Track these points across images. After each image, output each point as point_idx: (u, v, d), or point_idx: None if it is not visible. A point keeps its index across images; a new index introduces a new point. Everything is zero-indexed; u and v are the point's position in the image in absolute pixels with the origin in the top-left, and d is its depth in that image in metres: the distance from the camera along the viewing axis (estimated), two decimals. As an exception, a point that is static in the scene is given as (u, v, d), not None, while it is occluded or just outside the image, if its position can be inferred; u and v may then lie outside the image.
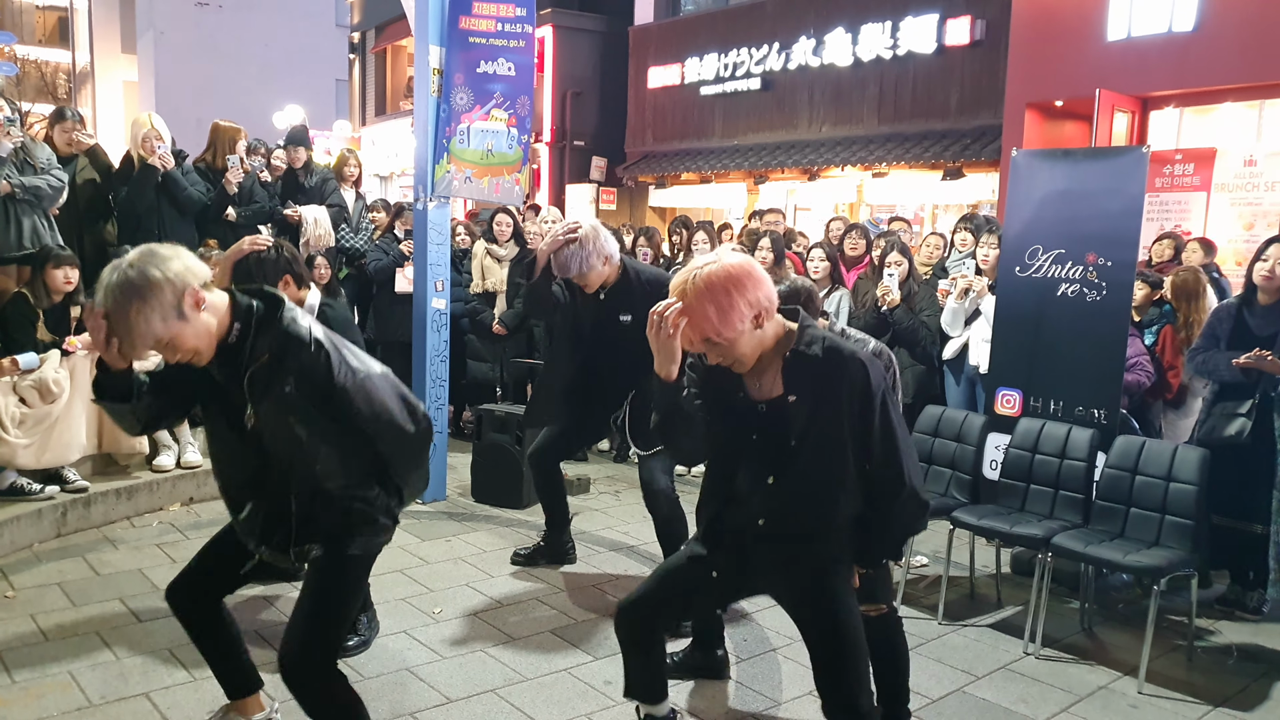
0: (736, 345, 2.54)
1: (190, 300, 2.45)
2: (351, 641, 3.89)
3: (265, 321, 2.58)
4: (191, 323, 2.47)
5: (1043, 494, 4.59)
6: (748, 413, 2.66)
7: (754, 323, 2.53)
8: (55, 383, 5.09)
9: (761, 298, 2.53)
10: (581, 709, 3.54)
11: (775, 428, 2.62)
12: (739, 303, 2.49)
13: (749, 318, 2.51)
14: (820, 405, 2.58)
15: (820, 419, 2.58)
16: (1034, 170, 5.16)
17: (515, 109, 5.99)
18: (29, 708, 3.36)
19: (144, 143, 6.20)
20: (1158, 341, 5.67)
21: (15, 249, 5.57)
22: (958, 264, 6.61)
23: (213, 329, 2.53)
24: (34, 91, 33.92)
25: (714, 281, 2.49)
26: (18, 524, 4.89)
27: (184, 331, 2.46)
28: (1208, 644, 4.41)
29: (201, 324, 2.49)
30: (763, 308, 2.54)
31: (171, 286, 2.42)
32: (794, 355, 2.60)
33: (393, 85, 27.09)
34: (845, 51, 14.57)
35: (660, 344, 2.57)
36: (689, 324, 2.51)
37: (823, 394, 2.58)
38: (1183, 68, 10.20)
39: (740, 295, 2.49)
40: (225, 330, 2.55)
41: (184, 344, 2.48)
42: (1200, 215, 9.80)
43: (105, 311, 2.42)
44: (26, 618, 4.09)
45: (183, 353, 2.51)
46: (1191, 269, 6.09)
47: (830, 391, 2.57)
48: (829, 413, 2.58)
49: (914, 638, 4.25)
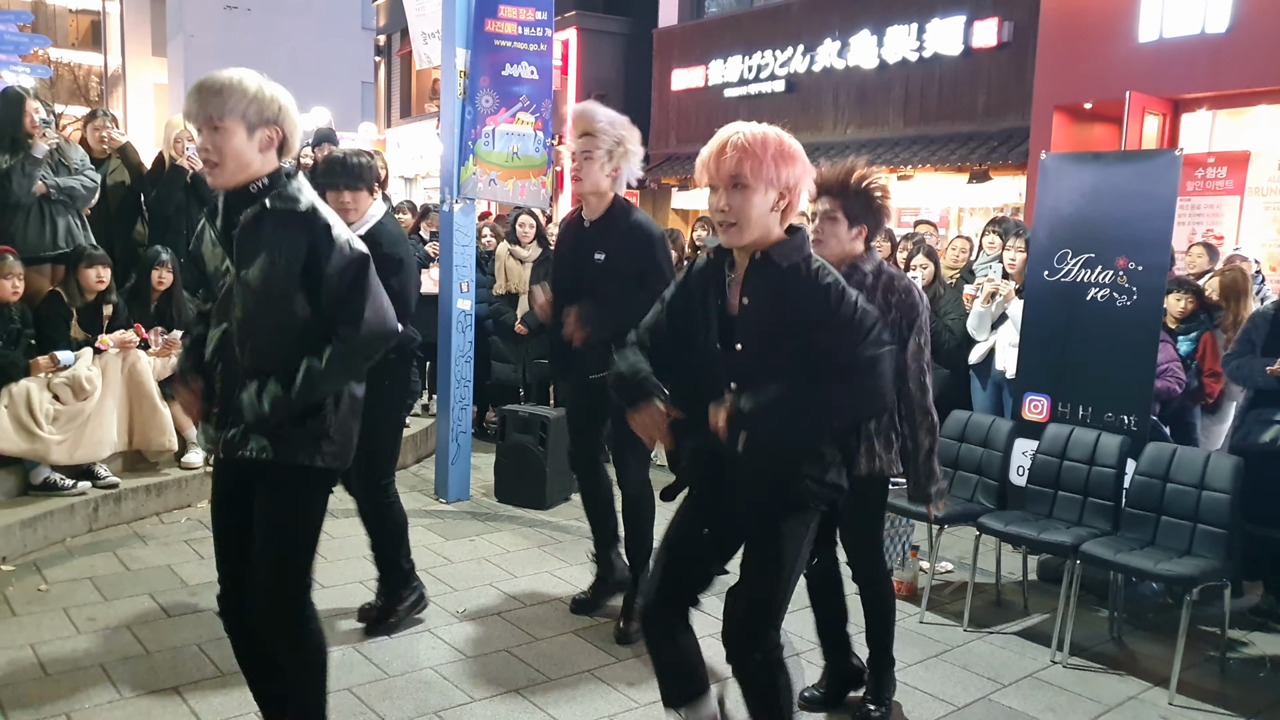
0: (750, 204, 2.48)
1: (266, 134, 2.63)
2: (410, 600, 4.12)
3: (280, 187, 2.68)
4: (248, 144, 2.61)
5: (1071, 501, 4.55)
6: (722, 321, 2.61)
7: (778, 199, 2.51)
8: (88, 380, 5.15)
9: (796, 184, 2.53)
10: (605, 710, 3.54)
11: (736, 334, 2.58)
12: (783, 170, 2.48)
13: (777, 189, 2.50)
14: (769, 312, 2.53)
15: (769, 326, 2.53)
16: (1063, 173, 5.12)
17: (540, 112, 6.02)
18: (61, 700, 3.40)
19: (176, 143, 6.25)
20: (1197, 349, 5.60)
21: (50, 249, 5.64)
22: (985, 267, 6.57)
23: (250, 166, 2.63)
24: (67, 94, 34.31)
25: (773, 137, 2.50)
26: (51, 519, 4.95)
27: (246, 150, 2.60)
28: (1241, 655, 4.36)
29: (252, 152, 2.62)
30: (792, 194, 2.53)
31: (265, 111, 2.61)
32: (761, 256, 2.55)
33: (418, 88, 27.19)
34: (871, 54, 14.51)
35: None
36: (727, 153, 2.47)
37: (776, 301, 2.53)
38: (1216, 69, 10.09)
39: (785, 165, 2.49)
40: (253, 177, 2.65)
41: (229, 156, 2.59)
42: (1233, 219, 9.69)
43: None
44: (59, 611, 4.14)
45: (220, 162, 2.60)
46: (1236, 267, 6.01)
47: (783, 301, 2.52)
48: (778, 322, 2.52)
49: (938, 644, 4.24)
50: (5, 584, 4.41)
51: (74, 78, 36.50)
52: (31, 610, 4.15)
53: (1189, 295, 5.64)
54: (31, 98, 5.60)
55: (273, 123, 2.63)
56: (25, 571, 4.57)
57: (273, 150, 2.66)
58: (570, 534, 5.44)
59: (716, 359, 2.61)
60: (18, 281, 5.06)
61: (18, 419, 4.91)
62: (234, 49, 28.96)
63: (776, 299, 2.53)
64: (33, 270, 5.43)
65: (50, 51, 29.30)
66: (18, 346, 5.08)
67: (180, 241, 6.30)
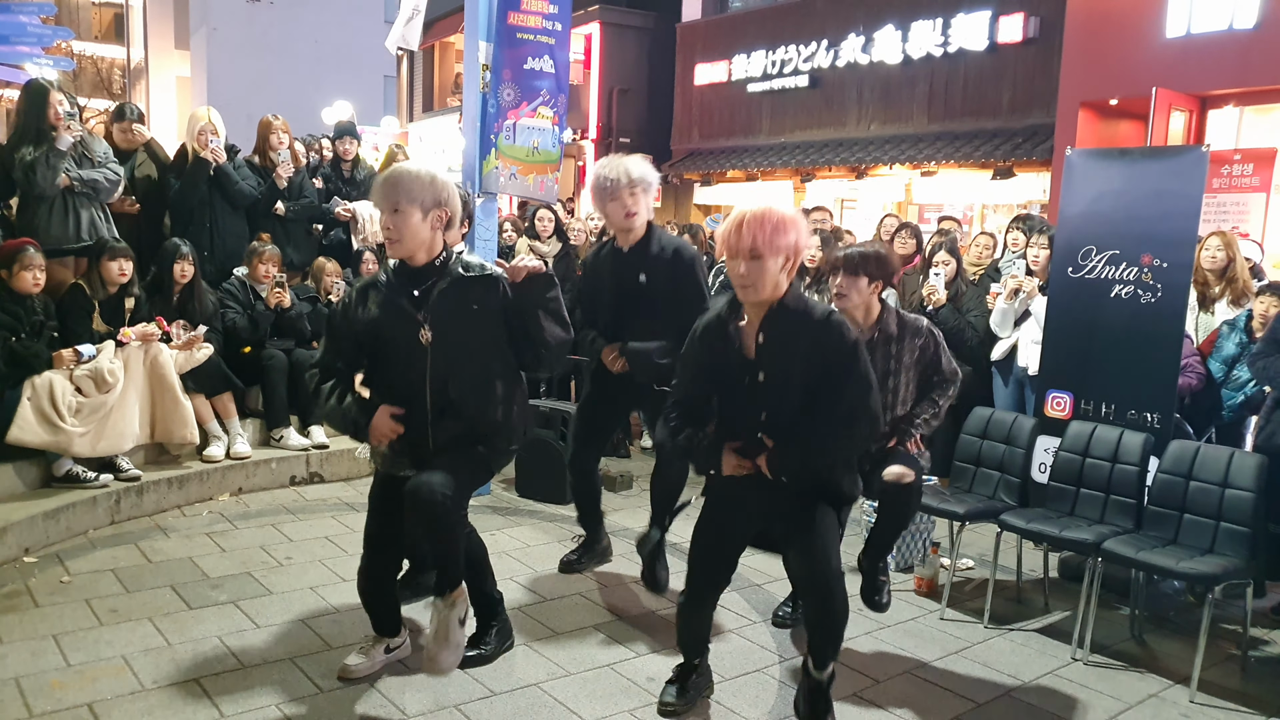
0: (764, 270, 3.04)
1: (439, 215, 3.28)
2: (472, 653, 3.72)
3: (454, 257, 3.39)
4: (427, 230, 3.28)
5: (1093, 498, 4.51)
6: (740, 363, 3.17)
7: (785, 262, 3.07)
8: (110, 373, 5.18)
9: (796, 246, 3.08)
10: (624, 705, 3.55)
11: (758, 366, 3.14)
12: (785, 239, 3.04)
13: (785, 254, 3.06)
14: (789, 345, 3.10)
15: (787, 356, 3.10)
16: (1089, 170, 5.08)
17: (557, 107, 6.01)
18: (84, 690, 3.43)
19: (199, 136, 6.28)
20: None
21: (73, 241, 5.67)
22: (1009, 264, 6.53)
23: (426, 243, 3.30)
24: (90, 87, 34.60)
25: (773, 213, 3.07)
26: (73, 510, 4.99)
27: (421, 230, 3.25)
28: (1262, 654, 4.32)
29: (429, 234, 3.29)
30: (797, 255, 3.10)
31: (437, 195, 3.25)
32: (778, 305, 3.11)
33: (440, 81, 27.25)
34: (895, 49, 14.45)
35: None
36: (744, 231, 3.03)
37: (792, 335, 3.09)
38: (1243, 66, 9.99)
39: (786, 234, 3.04)
40: (435, 254, 3.33)
41: (407, 234, 3.23)
42: (1259, 217, 9.58)
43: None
44: (81, 603, 4.17)
45: (399, 239, 3.24)
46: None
47: (798, 335, 3.09)
48: (796, 352, 3.09)
49: (959, 641, 4.22)
50: (28, 575, 4.45)
51: (97, 70, 36.78)
52: (54, 601, 4.18)
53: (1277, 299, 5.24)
54: (55, 90, 5.62)
55: (441, 204, 3.28)
56: (48, 563, 4.61)
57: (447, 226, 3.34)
58: (589, 529, 5.45)
59: (744, 393, 3.16)
60: (39, 273, 5.09)
61: (40, 411, 4.95)
62: (257, 42, 29.21)
63: (793, 336, 3.10)
64: (55, 262, 5.48)
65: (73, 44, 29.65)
66: (40, 339, 5.12)
67: (203, 234, 6.34)
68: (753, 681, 3.79)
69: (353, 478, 6.22)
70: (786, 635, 4.21)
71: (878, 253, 3.91)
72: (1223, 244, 5.71)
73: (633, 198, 4.27)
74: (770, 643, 4.15)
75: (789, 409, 3.12)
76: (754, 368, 3.14)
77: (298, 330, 6.34)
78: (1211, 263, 5.70)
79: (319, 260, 6.78)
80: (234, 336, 6.10)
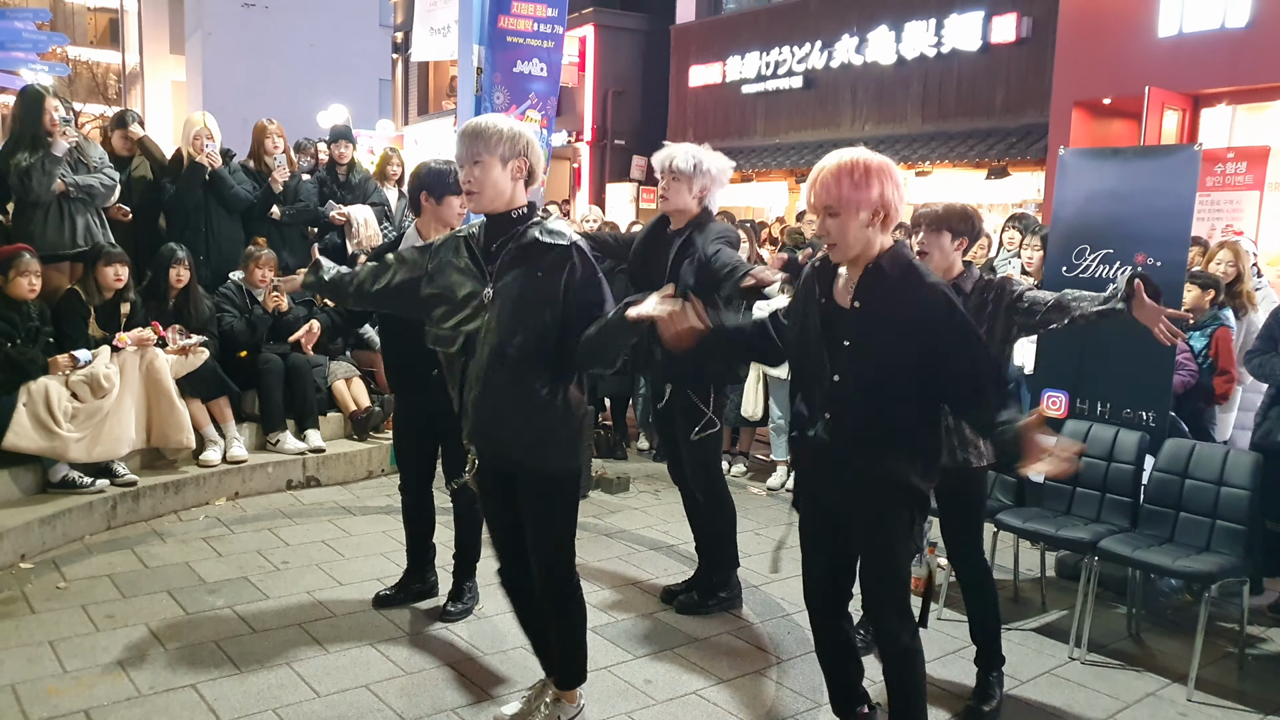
0: (847, 229, 2.75)
1: (518, 166, 3.08)
2: (454, 608, 4.18)
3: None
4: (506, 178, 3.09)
5: (1089, 497, 4.52)
6: (830, 315, 2.86)
7: (871, 217, 2.74)
8: (106, 378, 5.18)
9: (883, 199, 2.74)
10: (622, 708, 3.55)
11: (844, 330, 2.82)
12: (866, 193, 2.72)
13: (871, 209, 2.73)
14: (883, 315, 2.76)
15: (881, 328, 2.76)
16: (1082, 169, 5.09)
17: (546, 110, 6.02)
18: (80, 697, 3.42)
19: (195, 140, 6.28)
20: (1210, 344, 5.54)
21: (69, 247, 5.67)
22: (1004, 263, 6.54)
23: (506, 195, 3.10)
24: (85, 92, 34.52)
25: (850, 164, 2.77)
26: (69, 516, 4.99)
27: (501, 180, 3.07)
28: (1259, 652, 4.33)
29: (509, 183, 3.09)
30: (887, 210, 2.75)
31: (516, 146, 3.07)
32: (874, 266, 2.79)
33: (435, 85, 27.26)
34: (889, 49, 14.46)
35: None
36: (818, 186, 2.78)
37: (890, 306, 2.76)
38: (1236, 64, 10.02)
39: (867, 188, 2.72)
40: (512, 204, 3.12)
41: (488, 185, 3.06)
42: (1253, 215, 9.60)
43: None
44: (78, 608, 4.17)
45: (480, 191, 3.07)
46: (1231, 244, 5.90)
47: (897, 306, 2.75)
48: (891, 324, 2.75)
49: (956, 640, 4.22)
50: (24, 581, 4.44)
51: (92, 76, 36.70)
52: (50, 607, 4.18)
53: (1196, 288, 5.47)
54: (51, 96, 5.61)
55: (520, 154, 3.09)
56: (44, 569, 4.61)
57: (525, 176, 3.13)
58: (589, 531, 5.44)
59: (823, 352, 2.85)
60: (35, 279, 5.09)
61: (36, 417, 4.95)
62: (252, 47, 29.15)
63: (888, 304, 2.77)
64: (51, 268, 5.47)
65: (68, 49, 29.57)
66: (36, 344, 5.12)
67: (199, 239, 6.34)
68: (748, 683, 3.80)
69: (349, 481, 6.21)
70: (786, 635, 4.21)
71: (963, 208, 3.61)
72: (1232, 257, 5.71)
73: (665, 184, 4.29)
74: (768, 644, 4.15)
75: (867, 383, 2.80)
76: (838, 327, 2.84)
77: (294, 334, 6.33)
78: (1222, 276, 5.71)
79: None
80: (231, 341, 6.10)
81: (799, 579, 3.10)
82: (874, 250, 2.78)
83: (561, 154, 19.36)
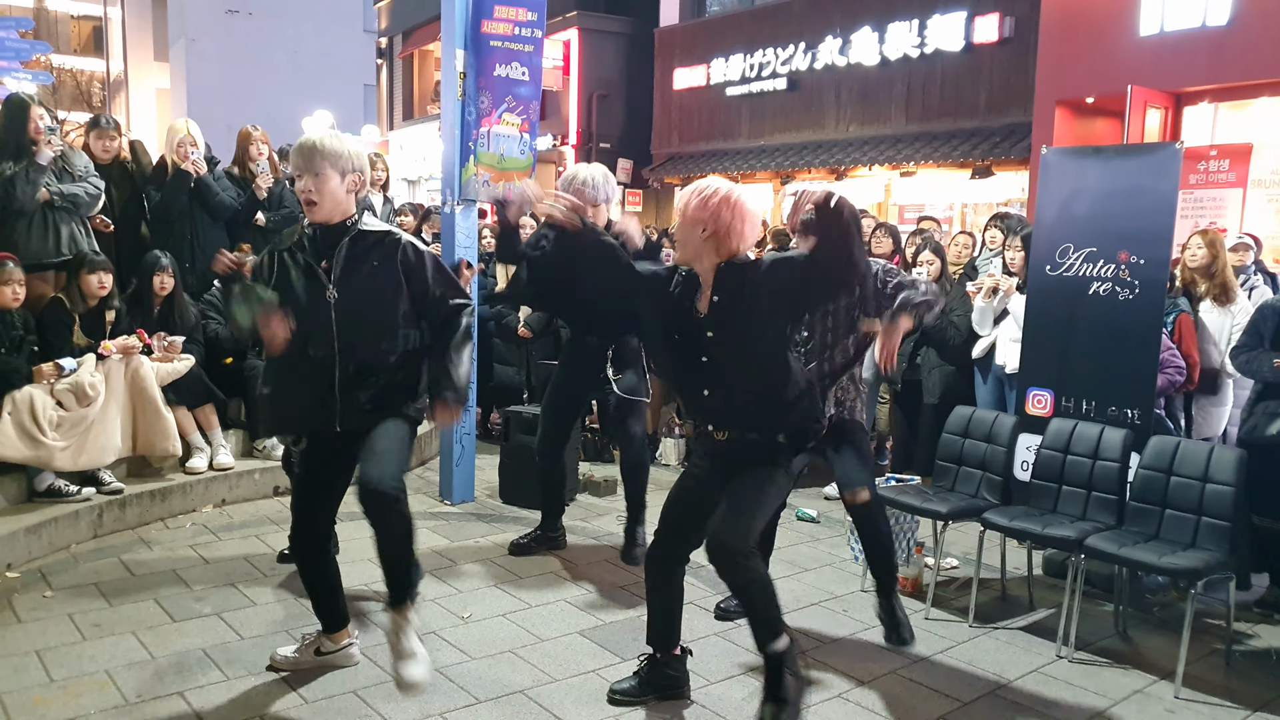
0: (687, 243, 3.29)
1: (354, 181, 3.42)
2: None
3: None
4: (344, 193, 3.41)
5: (1075, 495, 4.54)
6: (692, 319, 3.34)
7: (702, 233, 3.23)
8: (91, 386, 5.16)
9: (714, 219, 3.21)
10: (610, 710, 3.54)
11: (706, 325, 3.30)
12: (701, 213, 3.22)
13: (702, 226, 3.22)
14: (738, 301, 3.23)
15: (738, 312, 3.23)
16: (1065, 168, 5.12)
17: (528, 114, 6.01)
18: (67, 706, 3.41)
19: (179, 148, 6.26)
20: (1174, 332, 5.56)
21: (53, 255, 5.64)
22: (986, 263, 6.56)
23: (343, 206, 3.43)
24: (69, 100, 34.28)
25: (690, 194, 3.29)
26: (55, 525, 4.96)
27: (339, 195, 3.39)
28: (1246, 648, 4.35)
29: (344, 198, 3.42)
30: (715, 225, 3.22)
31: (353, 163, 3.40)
32: (726, 265, 3.27)
33: (420, 90, 27.21)
34: (872, 50, 14.49)
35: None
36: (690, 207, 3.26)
37: (743, 293, 3.22)
38: (1217, 62, 10.07)
39: (700, 210, 3.22)
40: (346, 216, 3.45)
41: (325, 197, 3.36)
42: (1236, 212, 9.66)
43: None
44: (64, 617, 4.15)
45: (320, 201, 3.36)
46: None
47: (750, 290, 3.22)
48: (746, 308, 3.22)
49: (944, 640, 4.23)
50: (10, 591, 4.42)
51: (76, 84, 36.47)
52: (36, 616, 4.16)
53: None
54: (35, 104, 5.59)
55: (355, 170, 3.42)
56: (30, 578, 4.59)
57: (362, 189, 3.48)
58: (574, 534, 5.45)
59: (692, 344, 3.33)
60: (18, 288, 5.07)
61: (21, 426, 4.92)
62: (236, 53, 29.12)
63: (739, 292, 3.25)
64: (35, 277, 5.45)
65: (52, 58, 29.40)
66: (20, 353, 5.09)
67: (183, 246, 6.31)
68: (737, 684, 3.80)
69: (337, 488, 6.19)
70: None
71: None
72: (1204, 242, 5.74)
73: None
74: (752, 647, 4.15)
75: (735, 362, 3.28)
76: (702, 324, 3.31)
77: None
78: (1193, 260, 5.74)
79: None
80: (217, 347, 6.08)
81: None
82: (717, 257, 3.28)
83: (546, 158, 19.32)
